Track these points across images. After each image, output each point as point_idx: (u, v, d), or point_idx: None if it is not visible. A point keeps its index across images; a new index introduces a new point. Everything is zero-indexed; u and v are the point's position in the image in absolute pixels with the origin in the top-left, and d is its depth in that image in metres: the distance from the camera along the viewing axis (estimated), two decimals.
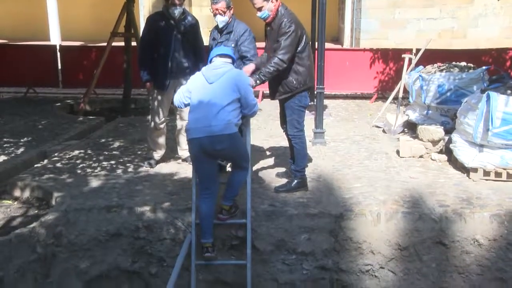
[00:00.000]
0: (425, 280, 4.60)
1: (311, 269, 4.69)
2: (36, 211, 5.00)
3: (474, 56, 9.95)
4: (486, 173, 5.37)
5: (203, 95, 4.37)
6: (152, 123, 5.86)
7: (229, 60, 4.56)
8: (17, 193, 5.37)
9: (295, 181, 5.17)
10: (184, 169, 5.84)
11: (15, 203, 5.21)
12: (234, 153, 4.50)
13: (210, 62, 4.59)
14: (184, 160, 5.96)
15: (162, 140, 5.97)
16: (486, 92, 5.42)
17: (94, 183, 5.43)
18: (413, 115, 7.35)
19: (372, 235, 4.63)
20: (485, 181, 5.36)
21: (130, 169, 5.89)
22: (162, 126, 5.86)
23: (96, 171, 5.84)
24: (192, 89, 4.49)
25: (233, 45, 5.22)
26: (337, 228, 4.66)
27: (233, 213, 4.67)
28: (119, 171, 5.84)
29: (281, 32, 4.74)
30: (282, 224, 4.68)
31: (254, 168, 5.83)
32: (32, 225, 4.42)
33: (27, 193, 5.34)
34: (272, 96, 5.13)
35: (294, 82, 4.91)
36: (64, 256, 4.60)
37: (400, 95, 8.00)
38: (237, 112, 4.41)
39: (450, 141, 5.97)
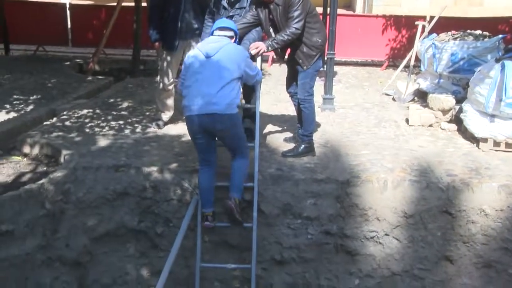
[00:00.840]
0: (429, 248, 4.59)
1: (316, 233, 4.69)
2: (45, 168, 5.00)
3: (491, 25, 9.69)
4: (496, 144, 5.29)
5: (200, 70, 4.21)
6: (161, 84, 5.80)
7: (230, 33, 4.40)
8: (26, 149, 5.37)
9: (303, 146, 5.13)
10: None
11: (25, 159, 5.21)
12: (234, 135, 4.37)
13: (212, 35, 4.46)
14: None
15: (170, 101, 5.92)
16: (501, 61, 5.29)
17: (102, 142, 5.41)
18: (424, 84, 7.22)
19: (378, 202, 4.60)
20: (495, 152, 5.29)
21: (138, 130, 5.87)
22: (170, 87, 5.80)
23: (104, 130, 5.82)
24: (188, 65, 4.30)
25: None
26: (343, 194, 4.63)
27: (242, 208, 4.60)
28: (127, 131, 5.82)
29: (290, 5, 4.63)
30: (288, 188, 4.66)
31: (262, 132, 5.79)
32: (41, 182, 4.41)
33: (36, 150, 5.33)
34: (304, 64, 4.93)
35: (319, 40, 4.88)
36: (72, 213, 4.61)
37: (412, 63, 7.87)
38: (238, 91, 4.32)
39: (460, 110, 5.88)
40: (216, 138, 4.42)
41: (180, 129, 5.92)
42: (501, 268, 4.53)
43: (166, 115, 5.96)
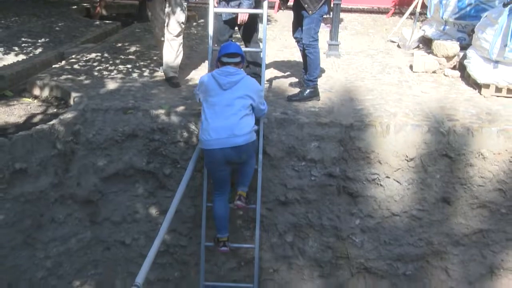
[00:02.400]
0: (428, 190, 4.64)
1: (319, 176, 4.73)
2: (55, 110, 5.01)
3: None
4: (498, 90, 5.24)
5: (219, 102, 4.15)
6: (155, 34, 5.66)
7: (238, 59, 4.31)
8: (36, 92, 5.37)
9: (308, 90, 5.10)
10: (199, 76, 5.75)
11: (35, 101, 5.21)
12: (251, 157, 4.38)
13: (219, 59, 4.32)
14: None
15: None
16: (509, 6, 5.15)
17: (111, 85, 5.39)
18: (429, 31, 7.08)
19: (380, 145, 4.61)
20: (496, 98, 5.25)
21: (145, 73, 5.83)
22: (163, 38, 5.51)
23: (112, 74, 5.79)
24: (203, 93, 4.23)
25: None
26: (346, 137, 4.64)
27: (249, 200, 4.64)
28: (135, 75, 5.79)
29: None
30: (293, 131, 4.67)
31: (268, 77, 5.75)
32: (51, 122, 4.43)
33: (46, 92, 5.32)
34: (309, 8, 4.82)
35: None
36: (82, 153, 4.66)
37: (418, 10, 7.68)
38: (253, 117, 4.29)
39: (464, 57, 5.79)
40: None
41: (187, 73, 5.89)
42: (494, 208, 4.61)
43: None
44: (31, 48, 6.59)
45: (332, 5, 6.80)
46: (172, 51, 5.34)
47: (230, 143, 4.07)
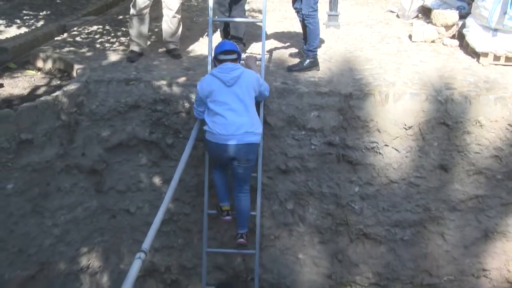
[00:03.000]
0: (426, 158, 4.68)
1: (319, 144, 4.77)
2: (59, 82, 5.03)
3: None
4: (497, 58, 5.23)
5: (228, 98, 4.15)
6: (133, 9, 5.19)
7: (235, 56, 4.31)
8: (39, 64, 5.37)
9: (307, 60, 5.10)
10: (199, 47, 5.76)
11: (39, 73, 5.23)
12: (252, 165, 4.41)
13: (215, 58, 4.33)
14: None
15: (144, 29, 5.32)
16: None
17: (113, 57, 5.39)
18: (429, 0, 7.01)
19: (379, 114, 4.64)
20: (495, 66, 5.23)
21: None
22: (144, 11, 5.18)
23: (114, 46, 5.78)
24: (209, 95, 4.19)
25: None
26: (346, 106, 4.66)
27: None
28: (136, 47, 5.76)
29: None
30: (293, 101, 4.69)
31: (268, 48, 5.74)
32: (55, 94, 4.45)
33: (49, 65, 5.33)
34: None
35: None
36: (86, 124, 4.69)
37: None
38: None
39: (463, 26, 5.75)
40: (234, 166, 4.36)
41: (187, 45, 5.87)
42: (490, 174, 4.65)
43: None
44: (33, 21, 6.57)
45: None
46: (172, 26, 5.31)
47: (245, 140, 4.13)
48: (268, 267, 5.14)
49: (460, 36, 5.90)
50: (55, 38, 5.98)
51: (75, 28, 6.35)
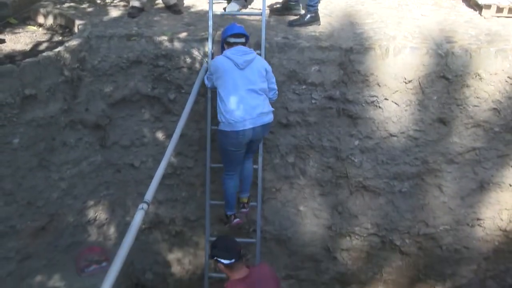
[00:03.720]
0: (425, 111, 4.69)
1: (319, 99, 4.78)
2: (60, 38, 4.97)
3: None
4: (499, 10, 5.13)
5: (241, 81, 4.13)
6: None
7: (243, 39, 4.31)
8: (40, 20, 5.30)
9: (308, 15, 5.03)
10: (200, 2, 5.67)
11: (40, 29, 5.17)
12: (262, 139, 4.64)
13: (225, 41, 4.32)
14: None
15: None
16: None
17: (114, 13, 5.32)
18: None
19: (379, 68, 4.61)
20: (497, 18, 5.16)
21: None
22: None
23: (115, 1, 5.67)
24: (221, 76, 4.17)
25: None
26: (346, 61, 4.63)
27: (251, 202, 4.93)
28: (136, 3, 5.66)
29: None
30: (294, 56, 4.66)
31: (269, 3, 5.64)
32: (57, 50, 4.41)
33: (50, 20, 5.26)
34: None
35: None
36: (89, 79, 4.68)
37: None
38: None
39: None
40: None
41: (189, 0, 5.78)
42: (488, 127, 4.67)
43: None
44: None
45: None
46: None
47: (261, 122, 4.19)
48: (269, 219, 5.24)
49: None
50: None
51: None
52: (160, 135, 5.03)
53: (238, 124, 4.12)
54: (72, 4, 5.51)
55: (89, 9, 5.39)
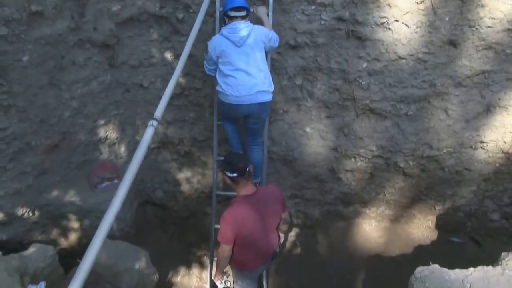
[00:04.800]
0: (436, 33, 4.56)
1: (328, 19, 4.64)
2: None
3: None
4: None
5: (239, 58, 4.15)
6: None
7: (244, 12, 4.24)
8: None
9: None
10: None
11: None
12: (264, 118, 4.61)
13: (225, 14, 4.26)
14: None
15: None
16: None
17: None
18: None
19: None
20: None
21: None
22: None
23: None
24: (220, 55, 4.22)
25: None
26: None
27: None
28: None
29: None
30: None
31: None
32: None
33: None
34: None
35: None
36: None
37: None
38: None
39: None
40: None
41: None
42: (500, 49, 4.54)
43: None
44: None
45: None
46: None
47: (258, 99, 4.22)
48: (276, 140, 5.29)
49: None
50: None
51: None
52: (168, 55, 4.97)
53: (234, 99, 4.24)
54: None
55: None
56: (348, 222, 5.93)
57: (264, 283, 5.06)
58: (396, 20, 4.58)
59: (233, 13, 4.25)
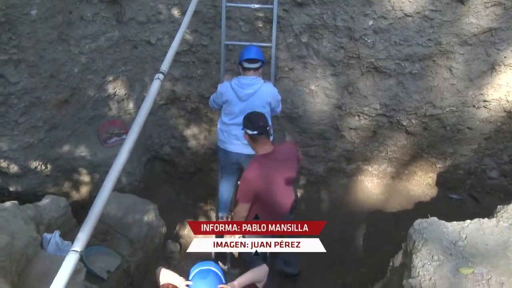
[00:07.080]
0: None
1: None
2: None
3: None
4: None
5: (239, 111, 4.23)
6: None
7: (258, 64, 4.32)
8: None
9: None
10: None
11: None
12: None
13: (240, 64, 4.33)
14: None
15: None
16: None
17: None
18: None
19: None
20: None
21: None
22: None
23: None
24: (224, 100, 4.36)
25: None
26: None
27: None
28: None
29: None
30: None
31: None
32: None
33: None
34: None
35: None
36: None
37: None
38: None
39: None
40: None
41: None
42: (509, 5, 4.35)
43: None
44: None
45: None
46: None
47: (244, 151, 4.32)
48: (282, 97, 5.19)
49: None
50: None
51: None
52: (175, 12, 4.89)
53: (229, 147, 4.43)
54: None
55: None
56: (351, 179, 5.97)
57: None
58: None
59: (246, 65, 4.31)
